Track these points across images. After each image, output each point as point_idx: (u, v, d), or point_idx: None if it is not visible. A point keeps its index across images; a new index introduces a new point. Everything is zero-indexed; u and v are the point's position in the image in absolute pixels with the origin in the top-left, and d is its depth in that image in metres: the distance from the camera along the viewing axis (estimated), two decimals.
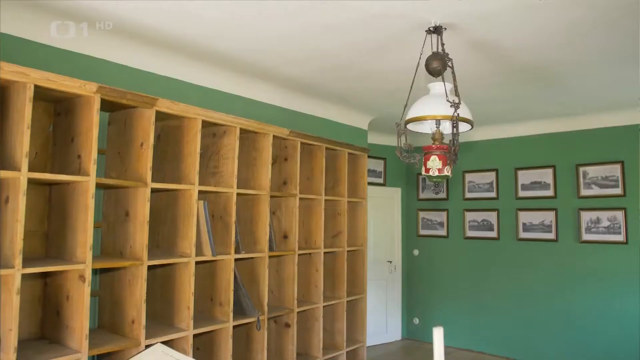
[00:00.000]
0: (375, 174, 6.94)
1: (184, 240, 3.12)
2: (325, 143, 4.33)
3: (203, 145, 3.46)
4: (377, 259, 6.96)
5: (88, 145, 2.60)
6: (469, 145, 6.53)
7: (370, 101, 5.13)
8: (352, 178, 4.85)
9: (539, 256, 6.10)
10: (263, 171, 3.72)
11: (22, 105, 2.33)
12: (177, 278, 3.14)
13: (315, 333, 4.21)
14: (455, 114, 2.28)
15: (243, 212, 3.77)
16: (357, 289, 4.82)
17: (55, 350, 2.53)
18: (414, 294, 7.26)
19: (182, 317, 3.09)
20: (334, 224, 4.61)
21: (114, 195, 3.06)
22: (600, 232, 5.65)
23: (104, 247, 3.09)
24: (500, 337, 6.35)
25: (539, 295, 6.06)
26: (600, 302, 5.63)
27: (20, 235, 2.27)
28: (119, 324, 2.92)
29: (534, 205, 6.16)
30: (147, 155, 2.86)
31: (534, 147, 6.22)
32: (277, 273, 4.06)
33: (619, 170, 5.57)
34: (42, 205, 2.86)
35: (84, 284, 2.53)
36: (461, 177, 6.76)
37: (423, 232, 7.20)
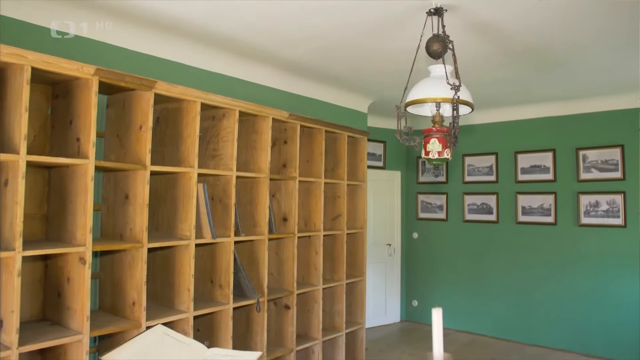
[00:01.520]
0: (375, 157, 6.93)
1: (184, 222, 3.13)
2: (324, 126, 4.32)
3: (202, 128, 3.45)
4: (377, 242, 6.99)
5: (87, 128, 2.59)
6: (469, 128, 6.52)
7: (370, 84, 5.10)
8: (352, 161, 4.84)
9: (537, 239, 6.13)
10: (262, 154, 3.72)
11: (19, 88, 2.32)
12: (177, 260, 3.15)
13: (315, 315, 4.25)
14: (456, 96, 2.27)
15: (243, 194, 3.77)
16: (356, 271, 4.85)
17: (57, 332, 2.55)
18: (413, 277, 7.30)
19: (182, 299, 3.11)
20: (333, 206, 4.62)
21: (113, 178, 3.06)
22: (599, 216, 5.67)
23: (103, 230, 3.10)
24: (498, 319, 6.41)
25: (538, 278, 6.10)
26: (599, 285, 5.67)
27: (20, 218, 2.28)
28: (119, 306, 2.94)
29: (534, 189, 6.16)
30: (146, 138, 2.85)
31: (534, 130, 6.20)
32: (277, 255, 4.08)
33: (618, 154, 5.57)
34: (42, 188, 2.86)
35: (84, 266, 2.54)
36: (461, 161, 6.76)
37: (422, 215, 7.22)
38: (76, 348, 2.54)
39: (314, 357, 4.25)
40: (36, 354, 2.75)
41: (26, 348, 2.31)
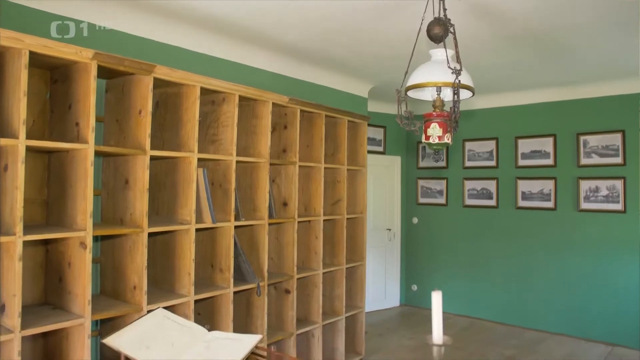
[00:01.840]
0: (375, 142, 6.92)
1: (184, 207, 3.13)
2: (325, 111, 4.30)
3: (202, 113, 3.43)
4: (377, 227, 7.01)
5: (86, 112, 2.58)
6: (470, 113, 6.49)
7: (370, 68, 5.07)
8: (352, 146, 4.83)
9: (537, 225, 6.14)
10: (262, 139, 3.71)
11: (17, 72, 2.30)
12: (178, 245, 3.16)
13: (315, 299, 4.27)
14: (457, 80, 2.25)
15: (243, 179, 3.77)
16: (356, 256, 4.87)
17: (59, 316, 2.57)
18: (412, 262, 7.34)
19: (183, 283, 3.13)
20: (333, 191, 4.63)
21: (113, 162, 3.05)
22: (599, 201, 5.68)
23: (104, 215, 3.10)
24: (497, 304, 6.45)
25: (537, 263, 6.13)
26: (598, 270, 5.70)
27: (20, 203, 2.28)
28: (120, 290, 2.96)
29: (534, 174, 6.16)
30: (145, 122, 2.85)
31: (535, 115, 6.18)
32: (277, 240, 4.09)
33: (619, 140, 5.55)
34: (41, 173, 2.86)
35: (85, 250, 2.55)
36: (461, 146, 6.75)
37: (422, 201, 7.23)
38: (78, 331, 2.56)
39: (314, 341, 4.29)
40: (39, 337, 2.77)
41: (29, 332, 2.33)
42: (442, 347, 1.05)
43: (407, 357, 5.17)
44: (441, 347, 1.05)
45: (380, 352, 5.29)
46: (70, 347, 2.61)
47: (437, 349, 1.06)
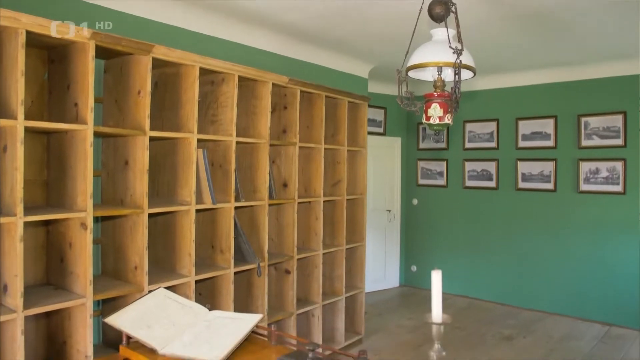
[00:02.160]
0: (375, 124, 6.89)
1: (184, 188, 3.14)
2: (325, 91, 4.28)
3: (201, 93, 3.41)
4: (377, 208, 7.03)
5: (84, 93, 2.57)
6: (470, 94, 6.45)
7: (371, 48, 5.03)
8: (352, 127, 4.82)
9: (536, 206, 6.15)
10: (262, 119, 3.69)
11: (14, 52, 2.29)
12: (178, 225, 3.17)
13: (315, 279, 4.30)
14: (458, 60, 2.23)
15: (243, 160, 3.76)
16: (356, 236, 4.89)
17: (61, 296, 2.59)
18: (412, 243, 7.37)
19: (183, 263, 3.14)
20: (333, 172, 4.62)
21: (112, 143, 3.04)
22: (599, 183, 5.68)
23: (104, 196, 3.10)
24: (495, 284, 6.50)
25: (536, 244, 6.16)
26: (596, 251, 5.73)
27: (20, 184, 2.28)
28: (122, 271, 2.98)
29: (534, 156, 6.15)
30: (144, 103, 2.83)
31: (536, 97, 6.14)
32: (277, 221, 4.10)
33: (620, 121, 5.53)
34: (41, 154, 2.85)
35: (86, 231, 2.56)
36: (461, 127, 6.72)
37: (422, 182, 7.23)
38: (80, 311, 2.59)
39: (314, 321, 4.33)
40: (41, 317, 2.80)
41: (31, 311, 2.35)
42: (442, 326, 1.06)
43: (406, 336, 5.23)
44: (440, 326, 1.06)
45: (380, 332, 5.34)
46: (72, 326, 2.64)
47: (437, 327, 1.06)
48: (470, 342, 5.06)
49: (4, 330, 2.37)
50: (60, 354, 2.74)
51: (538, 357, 4.70)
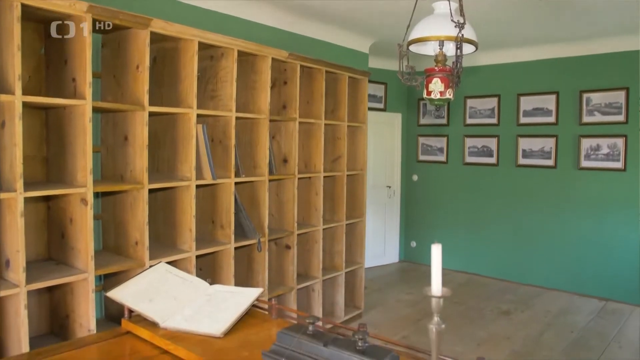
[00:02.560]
0: (375, 99, 6.85)
1: (184, 163, 3.13)
2: (325, 66, 4.24)
3: (200, 68, 3.38)
4: (377, 184, 7.03)
5: (82, 68, 2.54)
6: (472, 70, 6.39)
7: (371, 23, 4.96)
8: (353, 102, 4.78)
9: (536, 182, 6.15)
10: (262, 95, 3.67)
11: (10, 26, 2.25)
12: (178, 201, 3.18)
13: (315, 254, 4.33)
14: (460, 34, 2.20)
15: (242, 136, 3.75)
16: (356, 212, 4.90)
17: (63, 271, 2.61)
18: (412, 219, 7.40)
19: (184, 239, 3.16)
20: (333, 148, 4.61)
21: (111, 119, 3.03)
22: (599, 159, 5.67)
23: (104, 171, 3.10)
24: (495, 260, 6.54)
25: (535, 220, 6.18)
26: (595, 228, 5.75)
27: (19, 160, 2.28)
28: (122, 246, 3.00)
29: (535, 132, 6.12)
30: (143, 78, 2.80)
31: (538, 72, 6.09)
32: (277, 196, 4.11)
33: (623, 97, 5.49)
34: (39, 129, 2.84)
35: (87, 207, 2.57)
36: (462, 103, 6.68)
37: (422, 158, 7.22)
38: (82, 286, 2.61)
39: (314, 295, 4.37)
40: (44, 292, 2.83)
41: (34, 286, 2.37)
42: (441, 299, 1.07)
43: (405, 311, 5.29)
44: (440, 299, 1.06)
45: (379, 307, 5.40)
46: (75, 301, 2.67)
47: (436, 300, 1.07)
48: (469, 317, 5.12)
49: (8, 304, 2.40)
50: (64, 328, 2.77)
51: (535, 331, 4.77)
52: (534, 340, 4.54)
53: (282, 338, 1.35)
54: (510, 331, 4.75)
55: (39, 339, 2.71)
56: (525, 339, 4.55)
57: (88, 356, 1.47)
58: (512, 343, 4.47)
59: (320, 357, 1.26)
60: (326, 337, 1.31)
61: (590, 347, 4.39)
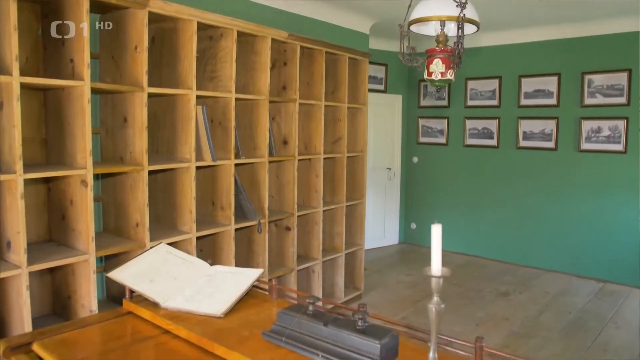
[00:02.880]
0: (376, 81, 6.81)
1: (184, 145, 3.12)
2: (325, 47, 4.20)
3: (199, 49, 3.35)
4: (377, 166, 7.03)
5: (80, 48, 2.52)
6: (473, 51, 6.34)
7: (372, 3, 4.90)
8: (353, 84, 4.76)
9: (537, 165, 6.15)
10: (262, 76, 3.64)
11: (6, 5, 2.23)
12: (178, 183, 3.18)
13: (315, 236, 4.35)
14: (461, 14, 2.18)
15: (242, 117, 3.73)
16: (356, 194, 4.91)
17: (64, 252, 2.62)
18: (412, 201, 7.41)
19: (184, 220, 3.17)
20: (333, 129, 4.60)
21: (110, 100, 3.01)
22: (600, 142, 5.65)
23: (103, 153, 3.09)
24: (494, 242, 6.57)
25: (535, 202, 6.19)
26: (595, 210, 5.76)
27: (18, 141, 2.27)
28: (123, 228, 3.00)
29: (536, 114, 6.10)
30: (142, 58, 2.78)
31: (540, 54, 6.03)
32: (277, 178, 4.11)
33: (625, 79, 5.45)
34: (38, 111, 2.82)
35: (87, 188, 2.57)
36: (463, 84, 6.64)
37: (423, 140, 7.20)
38: (83, 267, 2.62)
39: (314, 277, 4.40)
40: (46, 273, 2.85)
41: (35, 267, 2.39)
42: (441, 279, 1.07)
43: (405, 292, 5.32)
44: (439, 279, 1.07)
45: (379, 288, 5.44)
46: (76, 282, 2.69)
47: (436, 280, 1.08)
48: (468, 298, 5.16)
49: (10, 285, 2.41)
50: (66, 308, 2.79)
51: (534, 312, 4.81)
52: (532, 320, 4.59)
53: (282, 318, 1.37)
54: (509, 312, 4.79)
55: (41, 320, 2.73)
56: (524, 320, 4.59)
57: (90, 336, 1.49)
58: (510, 324, 4.51)
59: (321, 337, 1.27)
60: (326, 317, 1.32)
61: (587, 328, 4.43)
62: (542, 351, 3.97)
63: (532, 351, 3.95)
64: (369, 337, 1.20)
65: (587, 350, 3.99)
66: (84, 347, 1.41)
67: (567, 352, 3.96)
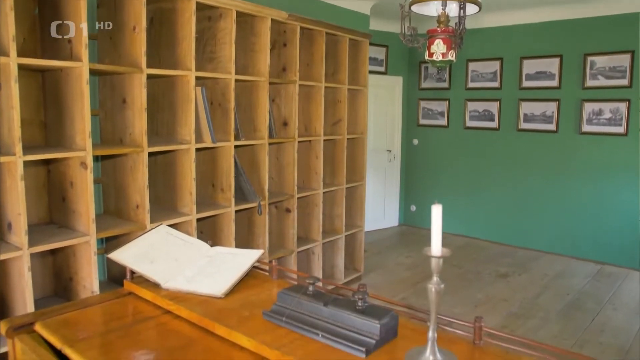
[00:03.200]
0: (376, 62, 6.76)
1: (183, 127, 3.11)
2: (325, 28, 4.16)
3: (198, 30, 3.31)
4: (377, 148, 7.02)
5: (78, 29, 2.49)
6: (474, 32, 6.28)
7: None
8: (353, 65, 4.72)
9: (537, 147, 6.14)
10: (261, 57, 3.61)
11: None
12: (178, 165, 3.18)
13: (315, 218, 4.36)
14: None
15: (242, 99, 3.72)
16: (356, 176, 4.90)
17: (65, 234, 2.63)
18: (412, 183, 7.41)
19: (184, 202, 3.17)
20: (334, 111, 4.58)
21: (109, 82, 2.99)
22: (601, 124, 5.63)
23: (103, 135, 3.08)
24: (494, 224, 6.59)
25: (535, 185, 6.19)
26: (595, 193, 5.77)
27: (17, 123, 2.26)
28: (123, 209, 3.01)
29: (537, 96, 6.06)
30: (140, 39, 2.75)
31: (542, 35, 5.98)
32: (277, 160, 4.10)
33: (628, 61, 5.40)
34: (36, 93, 2.80)
35: (86, 170, 2.56)
36: (464, 66, 6.59)
37: (423, 122, 7.17)
38: (84, 249, 2.63)
39: (314, 258, 4.42)
40: (47, 255, 2.86)
41: (36, 249, 2.40)
42: (440, 260, 1.07)
43: (404, 274, 5.36)
44: (439, 259, 1.07)
45: (379, 270, 5.47)
46: (78, 263, 2.70)
47: (436, 261, 1.08)
48: (467, 280, 5.19)
49: (12, 267, 2.43)
50: (68, 290, 2.81)
51: (532, 293, 4.84)
52: (530, 302, 4.62)
53: (282, 298, 1.37)
54: (508, 293, 4.83)
55: (43, 301, 2.75)
56: (522, 301, 4.63)
57: (91, 316, 1.50)
58: (509, 305, 4.54)
59: (321, 317, 1.28)
60: (326, 297, 1.33)
61: (585, 309, 4.46)
62: (540, 331, 4.01)
63: (530, 332, 3.99)
64: (368, 317, 1.21)
65: (584, 331, 4.03)
66: (86, 327, 1.42)
67: (564, 332, 4.00)
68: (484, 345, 1.23)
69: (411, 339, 1.26)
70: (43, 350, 1.30)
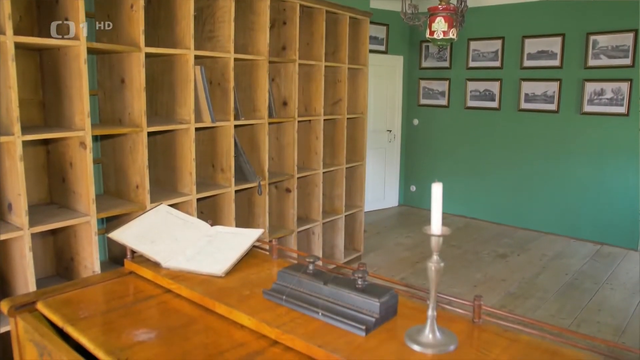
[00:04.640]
0: (377, 41, 6.69)
1: (183, 107, 3.10)
2: (325, 6, 4.11)
3: (197, 8, 3.27)
4: (377, 128, 6.99)
5: (75, 7, 2.46)
6: (476, 10, 6.19)
7: None
8: (353, 44, 4.67)
9: (538, 127, 6.11)
10: (261, 35, 3.58)
11: None
12: (178, 145, 3.17)
13: (315, 198, 4.36)
14: None
15: (242, 78, 3.69)
16: (356, 156, 4.90)
17: (65, 214, 2.63)
18: (412, 163, 7.41)
19: (184, 182, 3.17)
20: (334, 91, 4.55)
21: (107, 61, 2.96)
22: (603, 104, 5.60)
23: (102, 115, 3.07)
24: (494, 204, 6.60)
25: (535, 165, 6.19)
26: (595, 173, 5.77)
27: (15, 103, 2.24)
28: (123, 190, 3.01)
29: (539, 76, 6.02)
30: (138, 17, 2.72)
31: (544, 13, 5.91)
32: (277, 140, 4.09)
33: (631, 40, 5.35)
34: (34, 72, 2.78)
35: (86, 150, 2.56)
36: (465, 45, 6.53)
37: (424, 102, 7.14)
38: (85, 229, 2.64)
39: (314, 238, 4.44)
40: (48, 235, 2.87)
41: (37, 229, 2.40)
42: (440, 238, 1.08)
43: (404, 254, 5.38)
44: (439, 238, 1.07)
45: (378, 250, 5.50)
46: (78, 244, 2.71)
47: (436, 239, 1.08)
48: (466, 260, 5.22)
49: (13, 247, 2.44)
50: (69, 270, 2.83)
51: (530, 273, 4.87)
52: (529, 282, 4.65)
53: (282, 277, 1.38)
54: (506, 273, 4.86)
55: (45, 281, 2.77)
56: (521, 281, 4.66)
57: (93, 296, 1.51)
58: (507, 285, 4.58)
59: (321, 295, 1.28)
60: (326, 276, 1.34)
61: (583, 289, 4.50)
62: (539, 311, 4.04)
63: (528, 311, 4.02)
64: (368, 295, 1.22)
65: (582, 311, 4.06)
66: (87, 306, 1.43)
67: (562, 312, 4.04)
68: (483, 324, 1.24)
69: (411, 317, 1.27)
70: (45, 328, 1.31)
